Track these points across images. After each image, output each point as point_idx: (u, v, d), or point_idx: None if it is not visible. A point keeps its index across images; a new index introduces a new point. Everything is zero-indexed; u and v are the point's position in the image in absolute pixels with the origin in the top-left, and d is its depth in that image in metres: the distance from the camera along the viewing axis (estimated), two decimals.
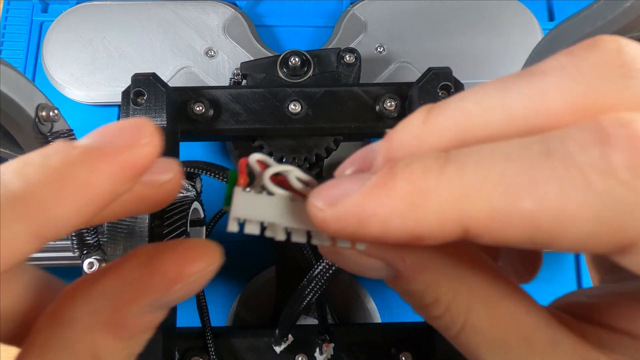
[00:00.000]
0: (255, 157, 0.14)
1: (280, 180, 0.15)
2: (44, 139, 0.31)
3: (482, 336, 0.14)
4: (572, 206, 0.11)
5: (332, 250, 0.15)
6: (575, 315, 0.16)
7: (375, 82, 0.50)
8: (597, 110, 0.12)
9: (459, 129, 0.13)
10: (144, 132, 0.14)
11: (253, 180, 0.15)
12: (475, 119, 0.13)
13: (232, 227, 0.14)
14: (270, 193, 0.14)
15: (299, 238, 0.15)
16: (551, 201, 0.11)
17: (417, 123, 0.14)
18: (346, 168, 0.16)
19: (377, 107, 0.39)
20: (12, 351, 0.14)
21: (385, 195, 0.13)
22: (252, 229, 0.14)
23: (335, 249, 0.15)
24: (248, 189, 0.15)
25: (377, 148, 0.15)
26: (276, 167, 0.14)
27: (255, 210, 0.14)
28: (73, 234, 0.31)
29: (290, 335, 0.35)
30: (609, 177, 0.11)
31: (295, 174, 0.15)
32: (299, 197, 0.15)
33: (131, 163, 0.14)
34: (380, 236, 0.13)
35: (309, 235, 0.15)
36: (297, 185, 0.15)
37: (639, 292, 0.15)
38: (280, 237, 0.15)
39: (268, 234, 0.15)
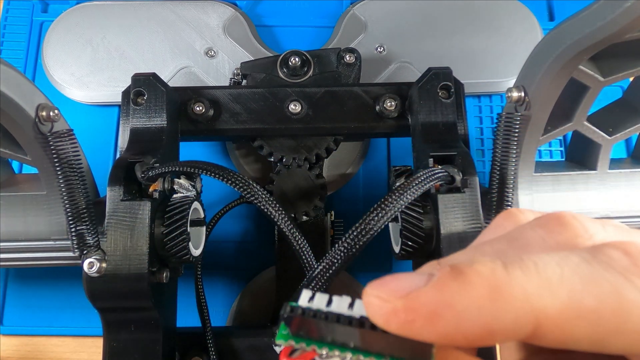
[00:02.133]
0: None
1: None
2: (44, 139, 0.31)
3: None
4: (627, 303, 0.13)
5: None
6: None
7: (375, 82, 0.50)
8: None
9: None
10: None
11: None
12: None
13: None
14: None
15: None
16: (609, 299, 0.13)
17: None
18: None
19: (377, 107, 0.39)
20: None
21: (462, 288, 0.13)
22: None
23: None
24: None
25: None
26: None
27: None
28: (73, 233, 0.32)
29: None
30: None
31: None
32: None
33: None
34: (449, 333, 0.13)
35: None
36: None
37: None
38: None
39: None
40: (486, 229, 0.19)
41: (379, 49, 0.51)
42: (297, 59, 0.43)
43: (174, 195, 0.34)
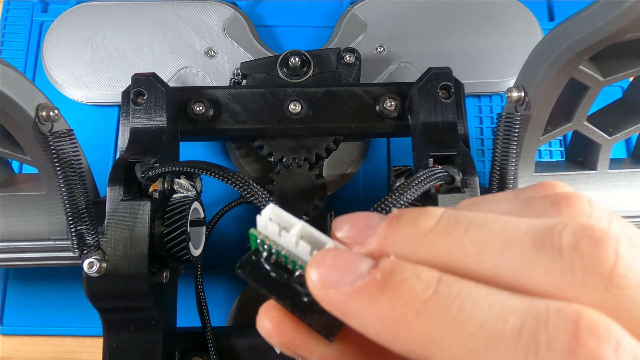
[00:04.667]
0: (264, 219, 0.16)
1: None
2: (44, 139, 0.31)
3: None
4: None
5: (260, 329, 0.17)
6: None
7: (375, 82, 0.50)
8: (573, 299, 0.13)
9: (450, 259, 0.14)
10: None
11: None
12: (468, 258, 0.14)
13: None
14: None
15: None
16: None
17: (419, 234, 0.15)
18: (343, 225, 0.16)
19: (377, 107, 0.39)
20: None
21: (368, 306, 0.14)
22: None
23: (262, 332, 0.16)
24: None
25: (376, 225, 0.16)
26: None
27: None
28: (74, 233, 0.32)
29: None
30: None
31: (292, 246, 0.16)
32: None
33: None
34: (360, 329, 0.14)
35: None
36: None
37: None
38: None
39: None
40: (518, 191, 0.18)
41: (379, 49, 0.51)
42: (297, 59, 0.43)
43: (174, 195, 0.34)
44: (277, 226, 0.16)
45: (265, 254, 0.16)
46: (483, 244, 0.14)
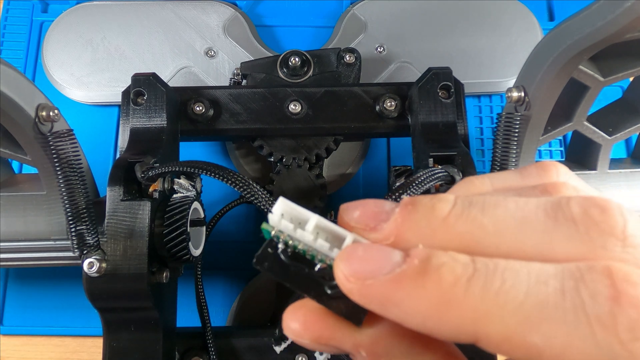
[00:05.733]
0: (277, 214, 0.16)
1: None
2: (44, 139, 0.31)
3: None
4: (574, 350, 0.12)
5: (290, 328, 0.17)
6: None
7: (375, 82, 0.50)
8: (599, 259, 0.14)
9: (473, 240, 0.15)
10: None
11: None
12: (489, 237, 0.15)
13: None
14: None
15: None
16: (557, 341, 0.12)
17: (438, 218, 0.15)
18: (353, 211, 0.16)
19: (377, 107, 0.39)
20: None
21: (414, 292, 0.14)
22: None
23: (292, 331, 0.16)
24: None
25: (389, 211, 0.16)
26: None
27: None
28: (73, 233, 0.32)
29: None
30: (612, 334, 0.12)
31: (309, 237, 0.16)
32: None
33: None
34: (397, 320, 0.14)
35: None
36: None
37: None
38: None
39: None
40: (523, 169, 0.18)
41: (379, 49, 0.51)
42: (297, 59, 0.43)
43: (174, 195, 0.34)
44: (290, 223, 0.16)
45: (281, 246, 0.16)
46: (501, 222, 0.14)
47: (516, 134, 0.31)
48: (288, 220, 0.16)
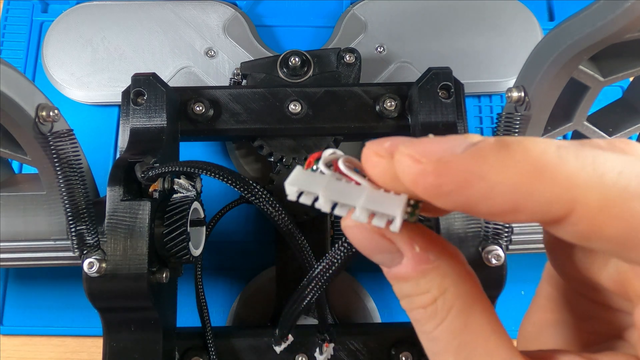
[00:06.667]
0: (326, 153, 0.16)
1: (333, 165, 0.16)
2: (44, 139, 0.31)
3: (454, 338, 0.15)
4: None
5: (353, 223, 0.16)
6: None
7: (375, 82, 0.50)
8: None
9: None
10: None
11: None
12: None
13: (290, 195, 0.16)
14: (322, 172, 0.16)
15: (341, 211, 0.16)
16: None
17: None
18: (383, 142, 0.15)
19: (377, 107, 0.39)
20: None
21: (502, 163, 0.12)
22: (305, 200, 0.16)
23: (363, 225, 0.15)
24: (306, 170, 0.16)
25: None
26: (326, 153, 0.16)
27: (306, 183, 0.16)
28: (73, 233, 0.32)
29: (290, 335, 0.35)
30: None
31: (341, 159, 0.16)
32: (345, 177, 0.16)
33: None
34: (473, 203, 0.13)
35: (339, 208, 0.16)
36: (343, 167, 0.16)
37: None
38: (326, 208, 0.16)
39: (316, 204, 0.16)
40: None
41: (379, 49, 0.51)
42: (297, 59, 0.43)
43: (174, 195, 0.34)
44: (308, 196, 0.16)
45: (316, 166, 0.16)
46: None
47: (516, 134, 0.31)
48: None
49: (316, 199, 0.16)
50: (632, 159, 0.13)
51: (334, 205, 0.15)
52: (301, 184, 0.16)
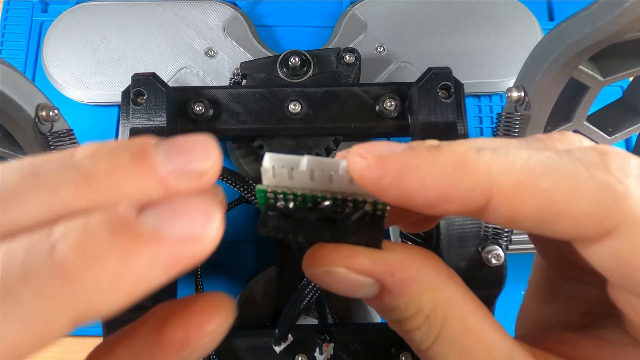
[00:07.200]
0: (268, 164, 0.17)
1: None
2: (44, 139, 0.31)
3: (452, 347, 0.16)
4: (578, 191, 0.14)
5: (320, 271, 0.17)
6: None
7: (375, 82, 0.50)
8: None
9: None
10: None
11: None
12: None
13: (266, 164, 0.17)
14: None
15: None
16: (563, 183, 0.14)
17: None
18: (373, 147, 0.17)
19: (377, 107, 0.39)
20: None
21: (430, 157, 0.15)
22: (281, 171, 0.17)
23: (325, 270, 0.16)
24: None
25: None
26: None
27: (287, 159, 0.17)
28: None
29: (290, 335, 0.35)
30: (607, 173, 0.14)
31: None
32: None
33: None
34: (410, 194, 0.15)
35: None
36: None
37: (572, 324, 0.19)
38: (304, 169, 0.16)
39: (294, 172, 0.17)
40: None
41: (379, 49, 0.51)
42: (297, 59, 0.43)
43: None
44: (284, 169, 0.16)
45: (280, 203, 0.17)
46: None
47: (516, 134, 0.31)
48: (282, 169, 0.16)
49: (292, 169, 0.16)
50: (539, 150, 0.15)
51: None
52: (282, 158, 0.17)
